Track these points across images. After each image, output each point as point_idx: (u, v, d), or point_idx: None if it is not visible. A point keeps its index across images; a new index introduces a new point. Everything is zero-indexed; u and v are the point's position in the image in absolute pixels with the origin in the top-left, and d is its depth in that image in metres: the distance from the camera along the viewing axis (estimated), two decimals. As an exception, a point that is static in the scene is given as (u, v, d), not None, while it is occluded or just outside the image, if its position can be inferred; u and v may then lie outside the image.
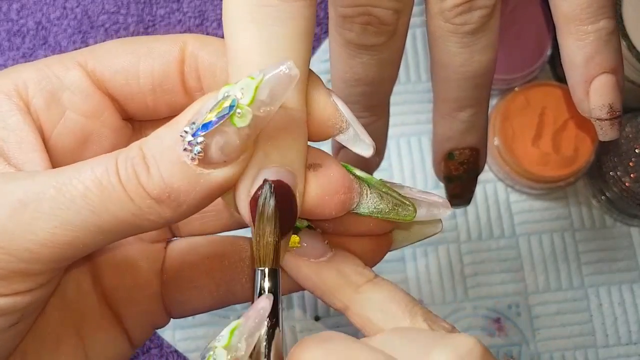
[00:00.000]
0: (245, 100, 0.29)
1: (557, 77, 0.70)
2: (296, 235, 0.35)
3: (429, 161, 0.69)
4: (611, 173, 0.65)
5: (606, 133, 0.42)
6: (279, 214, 0.32)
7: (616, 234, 0.69)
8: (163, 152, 0.30)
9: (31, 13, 0.69)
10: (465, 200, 0.50)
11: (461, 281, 0.67)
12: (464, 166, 0.47)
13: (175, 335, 0.65)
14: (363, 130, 0.34)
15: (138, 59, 0.35)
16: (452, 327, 0.34)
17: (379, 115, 0.47)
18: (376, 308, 0.34)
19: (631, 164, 0.64)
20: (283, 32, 0.31)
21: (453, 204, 0.50)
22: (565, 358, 0.66)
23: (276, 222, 0.32)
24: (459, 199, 0.50)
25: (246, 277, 0.40)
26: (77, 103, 0.35)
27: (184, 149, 0.29)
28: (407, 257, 0.67)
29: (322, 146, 0.35)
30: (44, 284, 0.32)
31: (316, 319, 0.65)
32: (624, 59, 0.42)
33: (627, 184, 0.64)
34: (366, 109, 0.46)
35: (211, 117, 0.29)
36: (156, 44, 0.36)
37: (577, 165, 0.65)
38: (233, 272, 0.40)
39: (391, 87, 0.46)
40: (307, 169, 0.33)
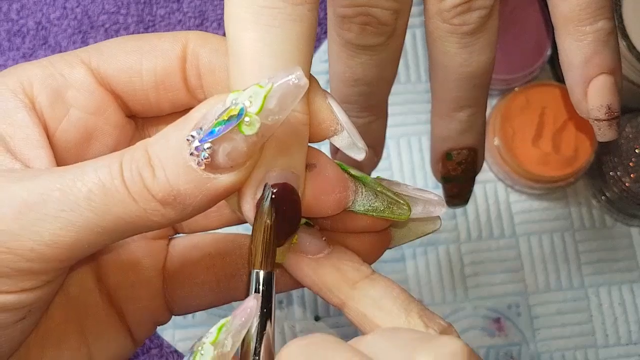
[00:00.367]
0: (253, 109, 0.29)
1: (557, 77, 0.70)
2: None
3: (429, 161, 0.69)
4: (611, 173, 0.65)
5: (604, 134, 0.42)
6: (283, 215, 0.32)
7: (616, 234, 0.69)
8: (169, 155, 0.30)
9: (31, 13, 0.69)
10: (464, 200, 0.50)
11: (461, 281, 0.67)
12: (461, 166, 0.47)
13: (175, 335, 0.65)
14: (357, 134, 0.34)
15: (141, 57, 0.35)
16: (448, 324, 0.34)
17: (377, 115, 0.47)
18: (372, 304, 0.34)
19: (631, 164, 0.64)
20: (287, 35, 0.31)
21: (451, 204, 0.50)
22: (565, 358, 0.66)
23: (273, 225, 0.32)
24: (456, 199, 0.50)
25: (246, 273, 0.39)
26: (81, 100, 0.35)
27: (191, 154, 0.29)
28: (407, 257, 0.67)
29: (320, 146, 0.35)
30: (50, 281, 0.32)
31: (316, 318, 0.65)
32: (623, 59, 0.42)
33: (627, 184, 0.64)
34: (365, 109, 0.46)
35: (219, 125, 0.29)
36: (159, 41, 0.36)
37: (577, 165, 0.65)
38: (234, 269, 0.40)
39: (390, 87, 0.46)
40: None
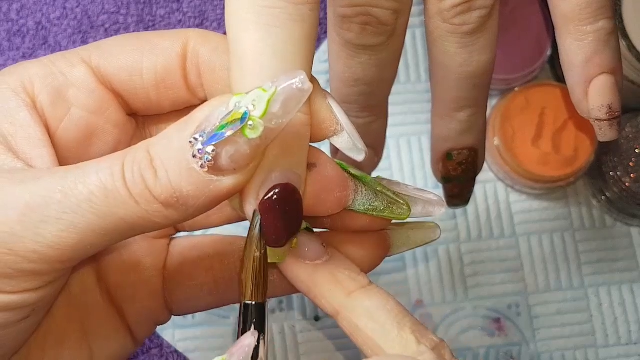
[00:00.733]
0: (257, 113, 0.29)
1: (557, 77, 0.70)
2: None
3: (429, 161, 0.69)
4: (611, 173, 0.65)
5: (605, 134, 0.42)
6: (286, 216, 0.32)
7: (616, 234, 0.69)
8: (171, 157, 0.30)
9: (31, 13, 0.69)
10: (464, 200, 0.50)
11: (461, 281, 0.67)
12: (462, 167, 0.47)
13: (175, 335, 0.65)
14: (356, 135, 0.34)
15: (142, 56, 0.35)
16: (441, 340, 0.34)
17: (377, 115, 0.47)
18: (366, 315, 0.34)
19: (631, 164, 0.64)
20: (289, 35, 0.30)
21: (451, 204, 0.50)
22: (565, 358, 0.66)
23: (263, 256, 0.32)
24: (457, 199, 0.50)
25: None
26: (83, 99, 0.35)
27: (193, 156, 0.29)
28: (407, 257, 0.67)
29: (321, 146, 0.35)
30: (53, 282, 0.32)
31: (316, 319, 0.65)
32: (623, 59, 0.42)
33: (627, 184, 0.64)
34: (365, 109, 0.46)
35: (222, 128, 0.29)
36: (159, 40, 0.36)
37: (577, 165, 0.65)
38: (233, 272, 0.40)
39: (390, 87, 0.46)
40: None
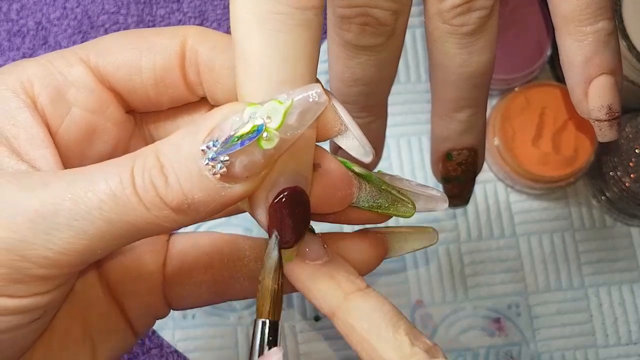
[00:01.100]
0: (273, 125, 0.29)
1: (557, 77, 0.70)
2: None
3: (429, 161, 0.68)
4: (611, 173, 0.65)
5: (605, 134, 0.42)
6: (295, 218, 0.32)
7: (616, 234, 0.69)
8: (182, 164, 0.30)
9: (31, 13, 0.69)
10: (464, 200, 0.50)
11: (461, 281, 0.67)
12: (462, 167, 0.47)
13: (175, 335, 0.65)
14: (362, 137, 0.34)
15: (140, 54, 0.35)
16: (434, 344, 0.34)
17: (377, 116, 0.47)
18: (361, 317, 0.34)
19: (631, 164, 0.64)
20: (295, 41, 0.31)
21: (451, 204, 0.50)
22: (565, 358, 0.66)
23: (279, 274, 0.32)
24: (457, 199, 0.50)
25: (244, 275, 0.40)
26: (82, 99, 0.35)
27: (206, 163, 0.29)
28: (407, 256, 0.67)
29: (322, 144, 0.35)
30: (62, 284, 0.32)
31: (316, 319, 0.65)
32: (623, 60, 0.42)
33: (627, 184, 0.64)
34: (364, 109, 0.46)
35: (237, 139, 0.29)
36: (157, 37, 0.36)
37: (577, 165, 0.65)
38: (232, 270, 0.40)
39: (389, 88, 0.46)
40: None
